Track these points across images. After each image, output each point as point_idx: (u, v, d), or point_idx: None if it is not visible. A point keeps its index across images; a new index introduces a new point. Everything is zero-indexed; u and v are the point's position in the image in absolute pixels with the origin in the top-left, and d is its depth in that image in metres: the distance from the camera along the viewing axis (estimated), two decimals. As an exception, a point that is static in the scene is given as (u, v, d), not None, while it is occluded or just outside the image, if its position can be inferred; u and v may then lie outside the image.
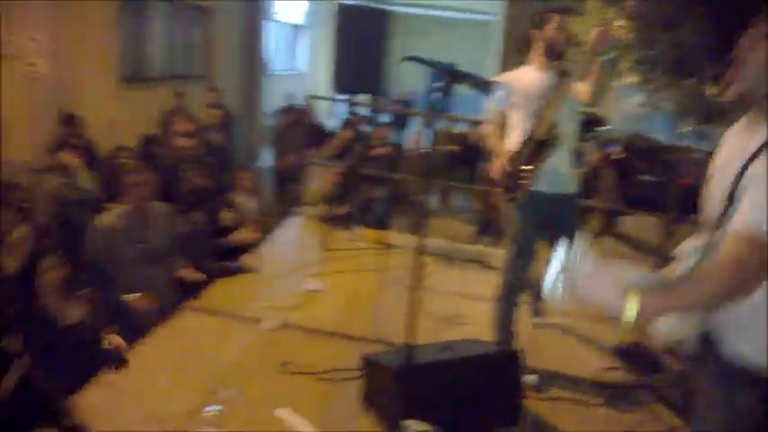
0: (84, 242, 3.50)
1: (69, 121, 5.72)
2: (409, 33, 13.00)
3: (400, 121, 11.18)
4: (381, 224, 5.85)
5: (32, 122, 6.02)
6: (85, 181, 5.04)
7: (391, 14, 6.04)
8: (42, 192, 4.52)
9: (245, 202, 4.87)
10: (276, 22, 11.12)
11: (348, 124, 7.25)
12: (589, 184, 6.17)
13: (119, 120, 6.66)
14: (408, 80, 13.74)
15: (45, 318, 2.89)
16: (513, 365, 2.81)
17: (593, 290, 1.48)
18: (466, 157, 7.51)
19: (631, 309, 1.42)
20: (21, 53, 5.85)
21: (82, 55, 6.40)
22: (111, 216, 3.56)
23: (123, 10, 7.08)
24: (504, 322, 3.32)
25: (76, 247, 3.56)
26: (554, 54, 3.13)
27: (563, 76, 3.04)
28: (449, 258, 4.94)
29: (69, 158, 5.07)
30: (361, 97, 8.71)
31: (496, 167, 3.21)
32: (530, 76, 3.18)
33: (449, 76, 2.34)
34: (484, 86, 3.02)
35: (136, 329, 3.27)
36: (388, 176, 6.22)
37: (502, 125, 3.26)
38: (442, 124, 7.18)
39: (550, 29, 3.10)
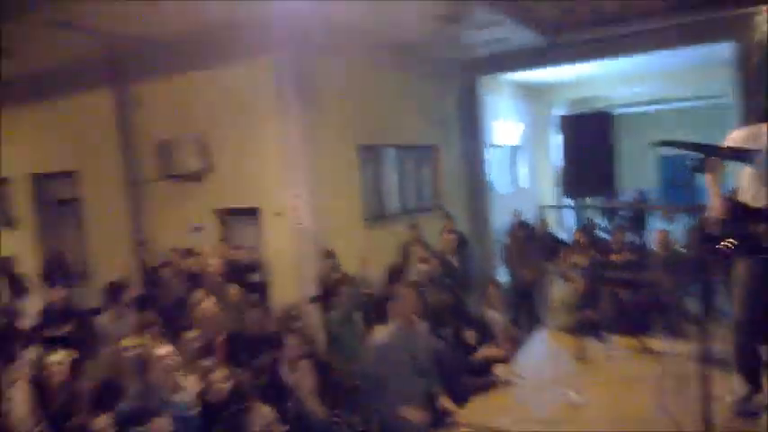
0: (360, 357, 3.85)
1: (328, 256, 6.46)
2: (637, 131, 12.47)
3: (638, 221, 10.59)
4: (637, 330, 5.37)
5: (297, 266, 6.90)
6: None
7: (616, 116, 5.94)
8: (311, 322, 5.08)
9: (494, 316, 4.90)
10: (495, 146, 11.59)
11: (583, 230, 7.05)
12: None
13: (365, 252, 7.34)
14: (639, 180, 13.06)
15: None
16: None
17: None
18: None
19: None
20: (288, 211, 6.89)
21: (332, 201, 7.32)
22: (385, 331, 3.89)
23: (362, 159, 8.06)
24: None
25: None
26: None
27: None
28: (722, 365, 4.30)
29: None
30: (592, 202, 8.46)
31: (715, 209, 2.90)
32: None
33: (703, 150, 2.21)
34: (743, 156, 2.78)
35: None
36: (637, 279, 5.81)
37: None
38: (689, 217, 6.60)
39: None
